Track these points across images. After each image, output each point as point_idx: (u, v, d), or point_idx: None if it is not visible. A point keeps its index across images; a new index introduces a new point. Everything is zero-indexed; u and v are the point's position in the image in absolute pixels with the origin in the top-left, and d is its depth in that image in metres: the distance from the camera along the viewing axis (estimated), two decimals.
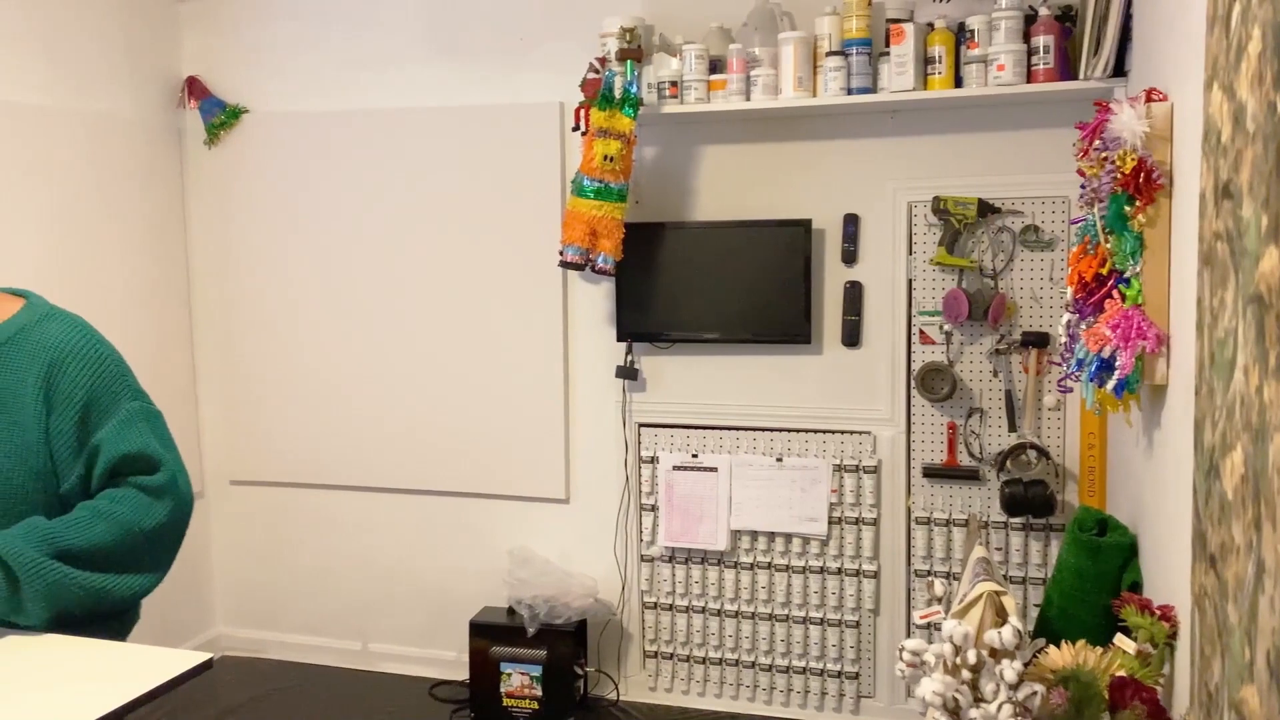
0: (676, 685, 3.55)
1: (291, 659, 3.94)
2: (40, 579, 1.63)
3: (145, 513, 1.74)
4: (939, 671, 1.82)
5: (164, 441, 1.81)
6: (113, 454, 1.74)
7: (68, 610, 1.68)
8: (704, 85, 3.16)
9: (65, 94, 3.39)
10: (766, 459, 3.36)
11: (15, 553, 1.63)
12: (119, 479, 1.77)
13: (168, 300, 3.83)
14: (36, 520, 1.69)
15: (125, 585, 1.73)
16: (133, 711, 1.44)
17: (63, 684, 1.50)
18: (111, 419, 1.75)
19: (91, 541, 1.68)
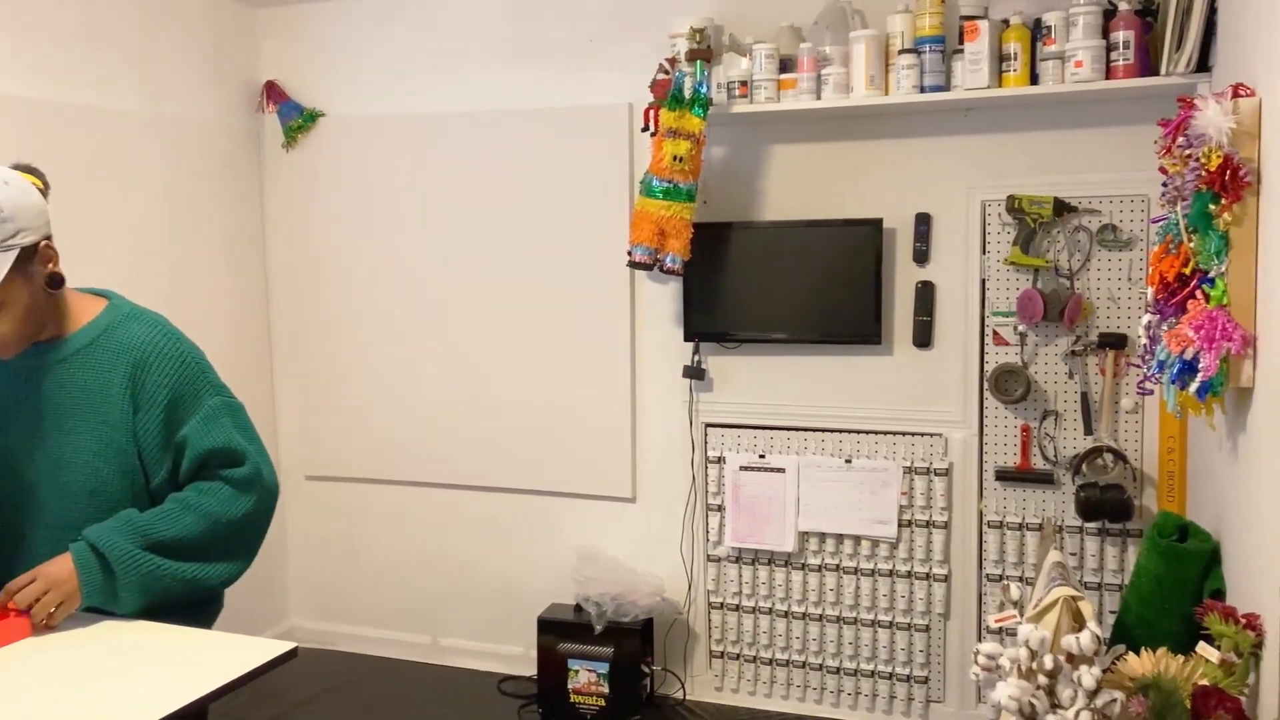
0: (743, 686, 3.54)
1: (362, 652, 4.01)
2: (134, 569, 1.70)
3: (232, 504, 1.80)
4: (1014, 676, 1.80)
5: (247, 434, 1.87)
6: (199, 449, 1.80)
7: (160, 599, 1.75)
8: (774, 85, 3.16)
9: (152, 100, 3.50)
10: (835, 460, 3.34)
11: (111, 545, 1.70)
12: (206, 472, 1.83)
13: (247, 299, 3.94)
14: (130, 513, 1.76)
15: (213, 573, 1.79)
16: (221, 697, 1.49)
17: (155, 669, 1.55)
18: (196, 415, 1.81)
19: (181, 533, 1.75)
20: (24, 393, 1.78)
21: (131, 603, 1.72)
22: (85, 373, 1.78)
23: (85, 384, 1.78)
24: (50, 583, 1.66)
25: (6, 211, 1.62)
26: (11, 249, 1.63)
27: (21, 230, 1.64)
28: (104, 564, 1.69)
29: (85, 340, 1.80)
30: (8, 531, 1.81)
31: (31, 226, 1.66)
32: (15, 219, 1.64)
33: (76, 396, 1.77)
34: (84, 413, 1.77)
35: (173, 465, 1.81)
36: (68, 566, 1.68)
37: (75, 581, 1.67)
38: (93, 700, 1.44)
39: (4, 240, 1.62)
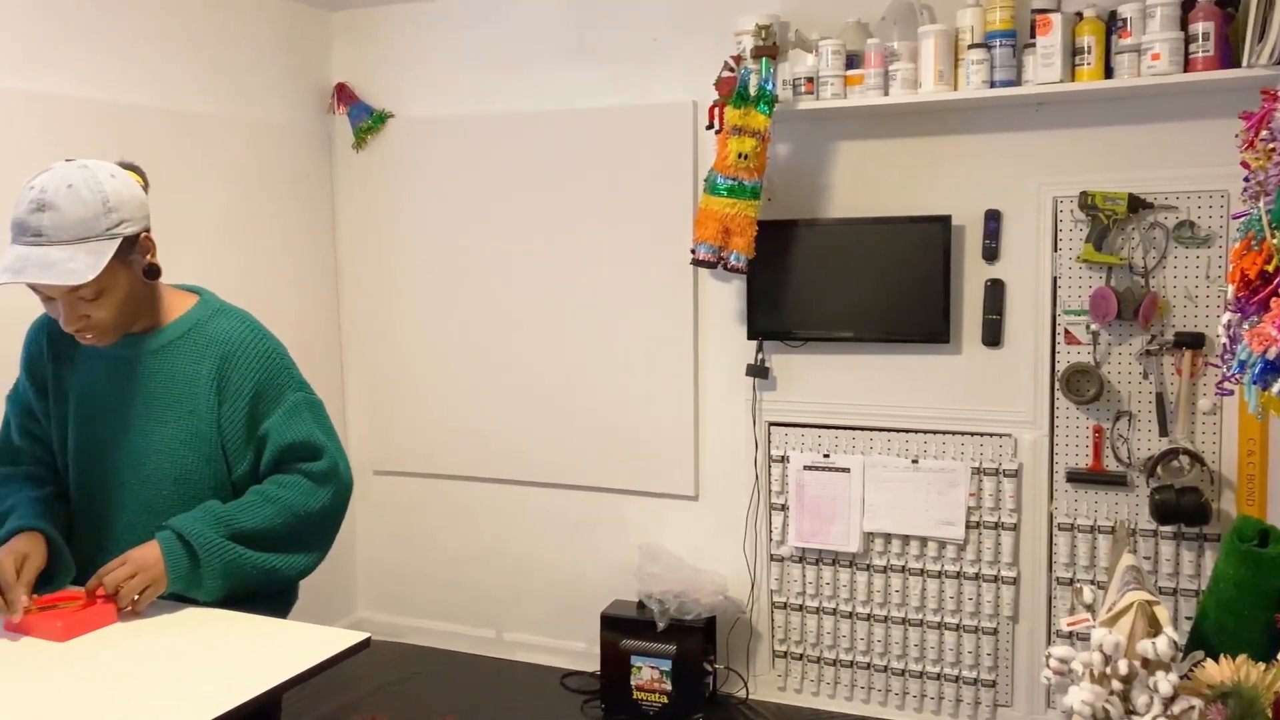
0: (806, 686, 3.52)
1: (428, 644, 4.07)
2: (218, 557, 1.76)
3: (309, 497, 1.85)
4: (1087, 681, 1.77)
5: (326, 430, 1.91)
6: (279, 442, 1.85)
7: (239, 587, 1.80)
8: (840, 81, 3.13)
9: (228, 103, 3.59)
10: (901, 460, 3.30)
11: (195, 533, 1.75)
12: (285, 465, 1.88)
13: (318, 297, 4.02)
14: (213, 504, 1.81)
15: (290, 565, 1.84)
16: (296, 685, 1.53)
17: (233, 657, 1.59)
18: (278, 409, 1.86)
19: (261, 524, 1.80)
20: (116, 381, 1.85)
21: (213, 590, 1.77)
22: (175, 363, 1.84)
23: (175, 374, 1.84)
24: (139, 566, 1.72)
25: (112, 202, 1.69)
26: (115, 237, 1.70)
27: (125, 221, 1.71)
28: (189, 551, 1.74)
29: (177, 333, 1.86)
30: (95, 518, 1.87)
31: (134, 218, 1.73)
32: (120, 209, 1.70)
33: (166, 386, 1.83)
34: (172, 402, 1.83)
35: (254, 458, 1.87)
36: (155, 552, 1.73)
37: (162, 566, 1.73)
38: (171, 686, 1.49)
39: (109, 229, 1.68)
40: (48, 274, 1.63)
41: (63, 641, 1.63)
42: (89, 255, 1.66)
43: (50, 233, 1.64)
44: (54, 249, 1.64)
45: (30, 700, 1.43)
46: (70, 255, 1.64)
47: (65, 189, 1.65)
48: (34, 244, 1.64)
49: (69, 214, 1.65)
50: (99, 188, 1.68)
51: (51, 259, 1.63)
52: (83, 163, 1.72)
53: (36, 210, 1.64)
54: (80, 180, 1.67)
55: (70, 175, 1.67)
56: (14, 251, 1.65)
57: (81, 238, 1.65)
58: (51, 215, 1.64)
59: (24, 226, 1.65)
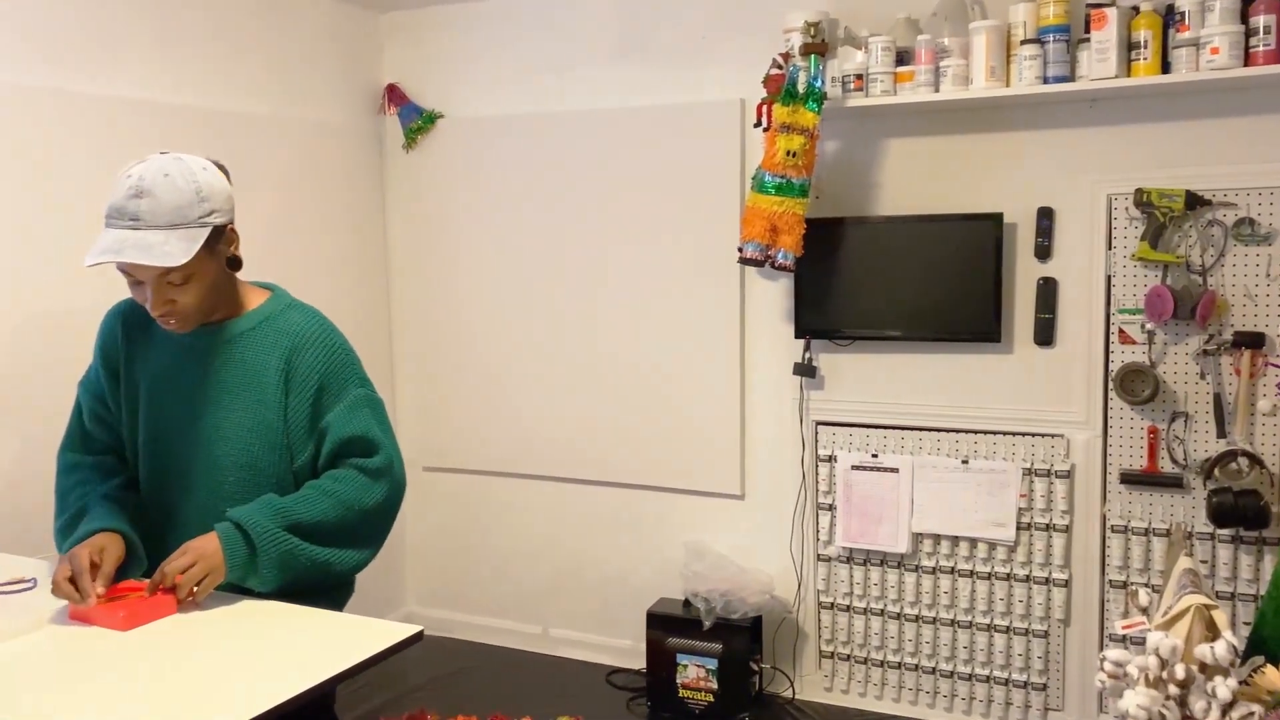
0: (853, 687, 3.50)
1: (475, 639, 4.11)
2: (274, 547, 1.79)
3: (364, 492, 1.89)
4: (1142, 685, 1.74)
5: (384, 427, 1.95)
6: (338, 436, 1.89)
7: (294, 579, 1.83)
8: (890, 78, 3.11)
9: (282, 104, 3.64)
10: (951, 461, 3.27)
11: (253, 523, 1.79)
12: (341, 460, 1.91)
13: (369, 295, 4.07)
14: (270, 497, 1.85)
15: (344, 559, 1.87)
16: (351, 677, 1.55)
17: (289, 648, 1.62)
18: (340, 403, 1.90)
19: (317, 517, 1.83)
20: (188, 369, 1.90)
21: (269, 580, 1.81)
22: (247, 354, 1.90)
23: (246, 364, 1.89)
24: (197, 556, 1.76)
25: (205, 192, 1.78)
26: (206, 226, 1.77)
27: (214, 211, 1.79)
28: (247, 540, 1.79)
29: (250, 324, 1.92)
30: (162, 503, 1.93)
31: (222, 209, 1.81)
32: (210, 200, 1.78)
33: (237, 375, 1.89)
34: (242, 390, 1.88)
35: (314, 449, 1.91)
36: (214, 543, 1.78)
37: (220, 556, 1.77)
38: (228, 676, 1.52)
39: (200, 217, 1.76)
40: (145, 255, 1.70)
41: (124, 631, 1.67)
42: (182, 240, 1.73)
43: (147, 218, 1.72)
44: (150, 233, 1.72)
45: (91, 688, 1.47)
46: (165, 239, 1.72)
47: (162, 178, 1.74)
48: (132, 228, 1.72)
49: (165, 201, 1.73)
50: (192, 178, 1.77)
51: (148, 242, 1.71)
52: (177, 155, 1.80)
53: (134, 197, 1.72)
54: (176, 170, 1.76)
55: (166, 165, 1.76)
56: (112, 234, 1.73)
57: (175, 224, 1.74)
58: (149, 202, 1.72)
59: (122, 211, 1.73)
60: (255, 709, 1.40)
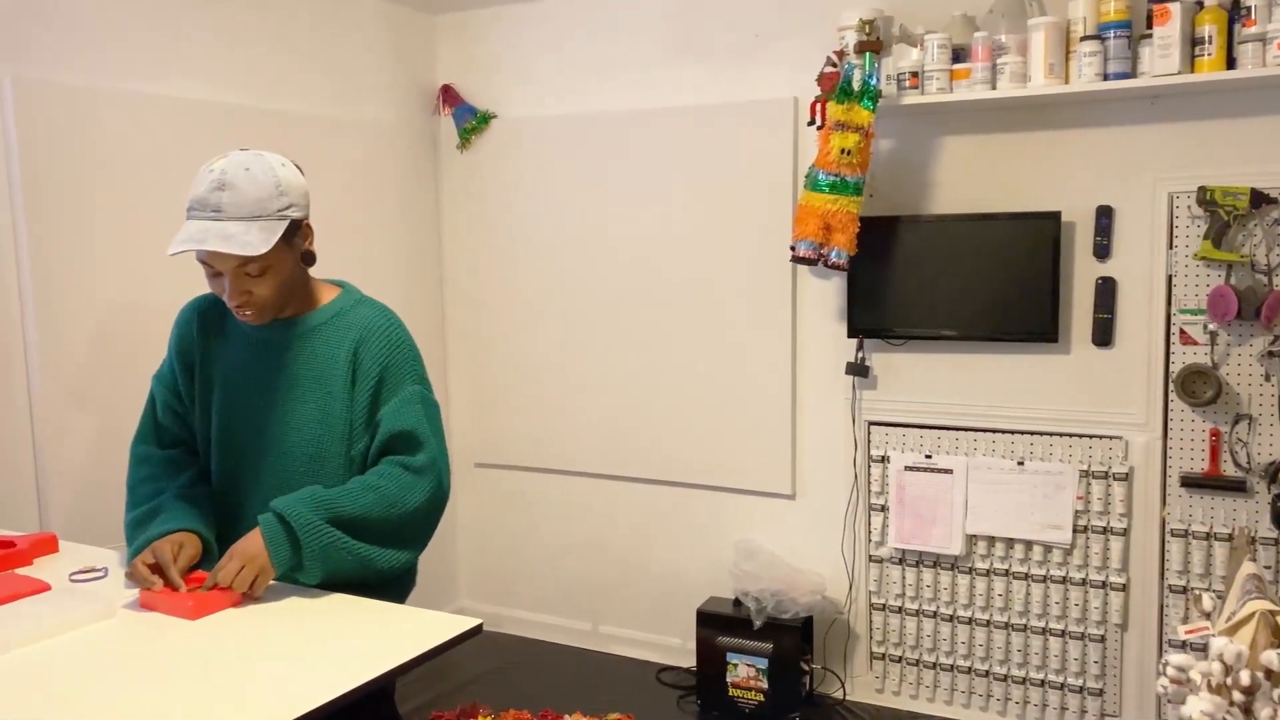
0: (905, 689, 3.48)
1: (526, 635, 4.14)
2: (317, 540, 1.81)
3: (407, 490, 1.89)
4: (1205, 691, 1.72)
5: (434, 428, 1.97)
6: (387, 429, 1.92)
7: (338, 574, 1.85)
8: (946, 75, 3.08)
9: (340, 105, 3.70)
10: (1006, 462, 3.24)
11: (296, 515, 1.81)
12: (387, 455, 1.93)
13: (423, 293, 4.12)
14: (316, 488, 1.88)
15: (384, 558, 1.88)
16: (411, 670, 1.58)
17: (351, 640, 1.65)
18: (395, 396, 1.93)
19: (360, 511, 1.85)
20: (261, 363, 1.95)
21: (314, 574, 1.83)
22: (318, 347, 1.94)
23: (316, 356, 1.94)
24: (244, 559, 1.78)
25: (283, 186, 1.83)
26: (285, 219, 1.83)
27: (292, 205, 1.85)
28: (290, 534, 1.80)
29: (322, 319, 1.97)
30: (233, 493, 1.98)
31: (299, 204, 1.87)
32: (289, 194, 1.84)
33: (308, 367, 1.93)
34: (312, 382, 1.93)
35: (369, 440, 1.93)
36: (258, 542, 1.80)
37: (266, 556, 1.79)
38: (291, 666, 1.55)
39: (279, 210, 1.82)
40: (226, 244, 1.76)
41: (193, 620, 1.71)
42: (261, 232, 1.79)
43: (228, 209, 1.77)
44: (231, 224, 1.77)
45: (160, 674, 1.51)
46: (245, 230, 1.78)
47: (243, 171, 1.79)
48: (213, 219, 1.78)
49: (246, 193, 1.78)
50: (272, 173, 1.82)
51: (229, 232, 1.77)
52: (257, 151, 1.86)
53: (217, 189, 1.78)
54: (256, 165, 1.81)
55: (247, 160, 1.82)
56: (195, 225, 1.78)
57: (255, 215, 1.79)
58: (230, 194, 1.78)
59: (204, 203, 1.78)
60: (320, 698, 1.43)
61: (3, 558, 2.00)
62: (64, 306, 2.79)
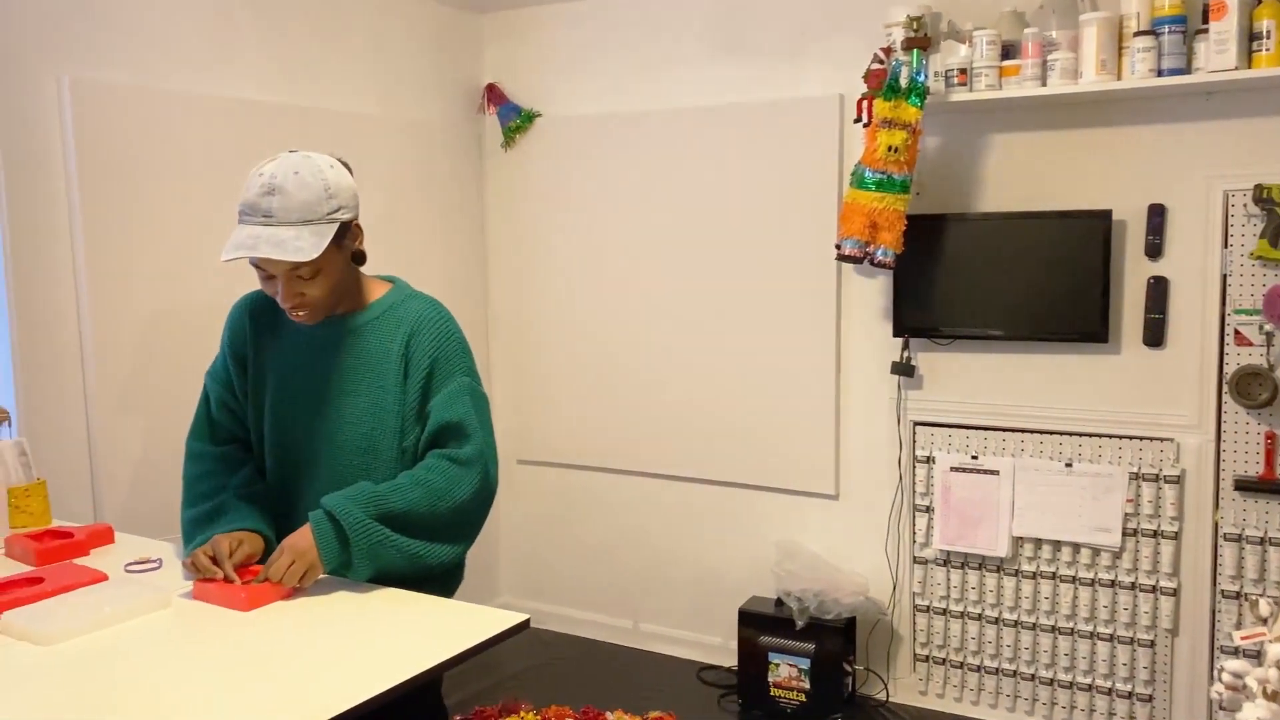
0: (949, 691, 3.45)
1: (567, 631, 4.16)
2: (366, 538, 1.82)
3: (454, 483, 1.90)
4: (1261, 698, 1.68)
5: (482, 422, 1.98)
6: (436, 420, 1.93)
7: (386, 570, 1.87)
8: (995, 72, 3.05)
9: (387, 104, 3.74)
10: (1054, 464, 3.19)
11: (345, 512, 1.83)
12: (434, 447, 1.94)
13: (467, 291, 4.15)
14: (366, 484, 1.89)
15: (433, 553, 1.89)
16: (459, 664, 1.59)
17: (401, 632, 1.67)
18: (444, 389, 1.95)
19: (408, 506, 1.86)
20: (315, 359, 1.97)
21: (363, 571, 1.85)
22: (370, 341, 1.96)
23: (369, 351, 1.96)
24: (294, 554, 1.81)
25: (333, 189, 1.83)
26: (334, 222, 1.84)
27: (342, 207, 1.85)
28: (339, 532, 1.82)
29: (374, 314, 1.99)
30: (288, 486, 2.01)
31: (349, 205, 1.88)
32: (338, 196, 1.84)
33: (361, 362, 1.95)
34: (365, 376, 1.95)
35: (419, 432, 1.95)
36: (308, 538, 1.82)
37: (315, 552, 1.81)
38: (343, 658, 1.56)
39: (329, 214, 1.83)
40: (278, 250, 1.76)
41: (245, 611, 1.74)
42: (312, 236, 1.79)
43: (279, 214, 1.78)
44: (282, 229, 1.78)
45: (213, 664, 1.54)
46: (296, 235, 1.78)
47: (292, 175, 1.80)
48: (264, 224, 1.78)
49: (296, 198, 1.79)
50: (321, 176, 1.82)
51: (280, 237, 1.77)
52: (305, 154, 1.86)
53: (267, 194, 1.79)
54: (305, 168, 1.81)
55: (296, 164, 1.82)
56: (246, 230, 1.79)
57: (305, 220, 1.80)
58: (280, 199, 1.78)
59: (255, 208, 1.79)
60: (370, 691, 1.44)
61: (61, 548, 2.04)
62: (117, 306, 2.84)
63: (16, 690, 1.45)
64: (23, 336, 2.66)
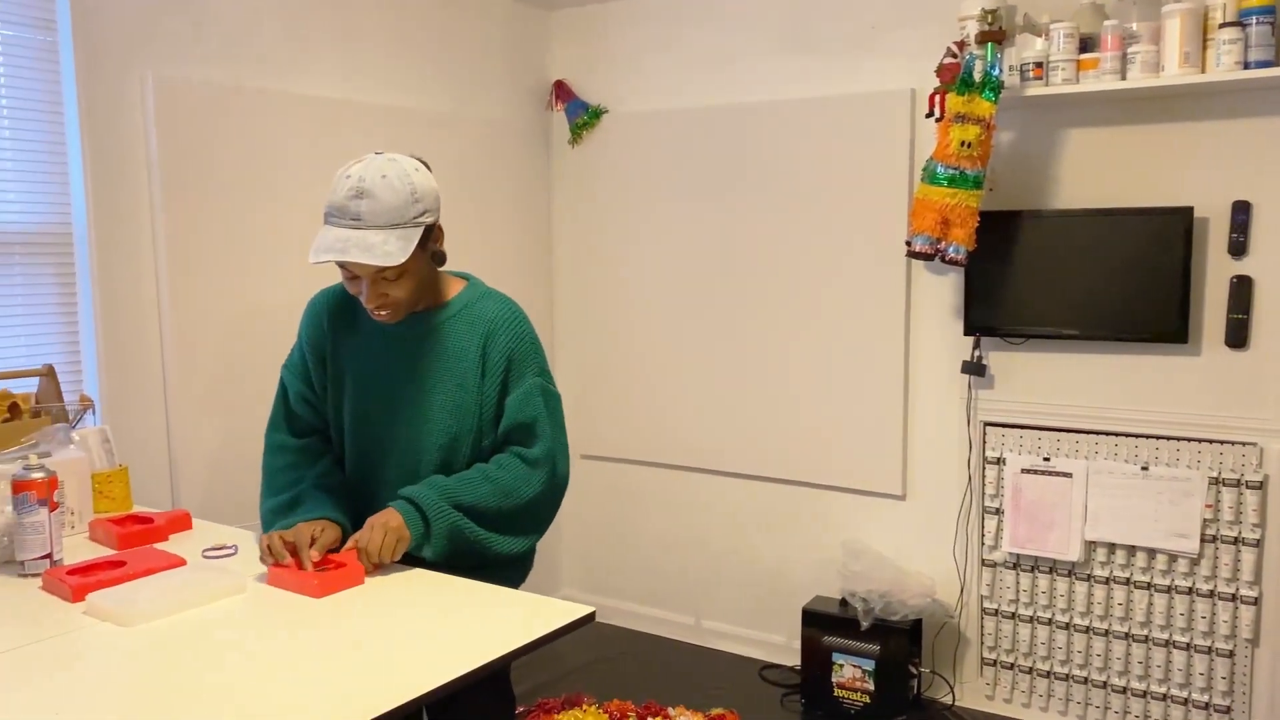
0: (1016, 697, 3.39)
1: (628, 626, 4.17)
2: (444, 521, 1.89)
3: (522, 481, 1.95)
4: None
5: (554, 421, 2.01)
6: (509, 420, 1.97)
7: (459, 556, 1.92)
8: (1072, 65, 2.98)
9: (459, 101, 3.78)
10: (1130, 467, 3.12)
11: (425, 498, 1.90)
12: (506, 445, 1.99)
13: (534, 286, 4.18)
14: (437, 477, 1.95)
15: (498, 543, 1.95)
16: (526, 654, 1.60)
17: (471, 620, 1.68)
18: (517, 388, 1.98)
19: (477, 500, 1.92)
20: (393, 355, 2.00)
21: (439, 550, 1.91)
22: (448, 340, 1.99)
23: (446, 349, 1.98)
24: (385, 527, 1.87)
25: (419, 192, 1.86)
26: (420, 225, 1.86)
27: (426, 211, 1.88)
28: (421, 516, 1.89)
29: (451, 312, 2.01)
30: (365, 478, 2.05)
31: (432, 209, 1.90)
32: (423, 200, 1.87)
33: (439, 360, 1.98)
34: (443, 375, 1.98)
35: (495, 432, 1.98)
36: (397, 516, 1.89)
37: (405, 526, 1.87)
38: (414, 645, 1.58)
39: (414, 217, 1.85)
40: (367, 255, 1.79)
41: (318, 598, 1.77)
42: (399, 240, 1.82)
43: (368, 218, 1.81)
44: (370, 233, 1.81)
45: (287, 648, 1.56)
46: (384, 239, 1.81)
47: (380, 179, 1.82)
48: (353, 227, 1.81)
49: (384, 202, 1.81)
50: (407, 180, 1.84)
51: (369, 242, 1.80)
52: (391, 156, 1.87)
53: (355, 197, 1.81)
54: (392, 172, 1.83)
55: (383, 167, 1.84)
56: (334, 233, 1.82)
57: (393, 224, 1.82)
58: (369, 203, 1.81)
59: (344, 211, 1.82)
60: (442, 677, 1.46)
61: (142, 532, 2.10)
62: (197, 301, 2.92)
63: (102, 668, 1.49)
64: (107, 329, 2.74)
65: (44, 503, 1.88)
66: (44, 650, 1.56)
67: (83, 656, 1.53)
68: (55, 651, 1.55)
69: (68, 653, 1.55)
